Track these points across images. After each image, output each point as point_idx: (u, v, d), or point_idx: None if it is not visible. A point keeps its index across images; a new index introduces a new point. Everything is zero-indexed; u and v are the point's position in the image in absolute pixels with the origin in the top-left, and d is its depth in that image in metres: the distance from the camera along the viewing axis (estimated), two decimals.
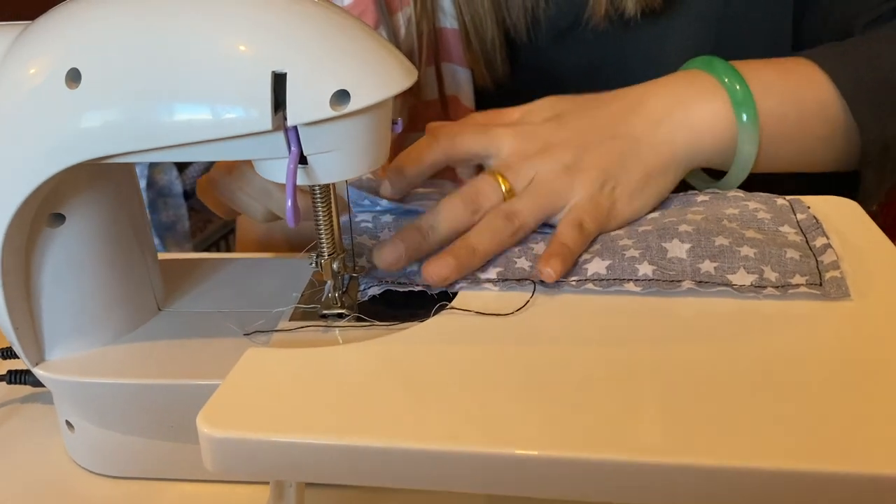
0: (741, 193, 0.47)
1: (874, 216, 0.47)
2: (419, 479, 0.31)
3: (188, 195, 1.19)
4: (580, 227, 0.42)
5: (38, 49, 0.35)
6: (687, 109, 0.47)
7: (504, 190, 0.44)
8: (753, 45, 0.57)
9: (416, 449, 0.30)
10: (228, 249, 1.40)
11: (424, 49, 0.64)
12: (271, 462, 0.31)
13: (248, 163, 0.47)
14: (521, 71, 0.65)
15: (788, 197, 0.47)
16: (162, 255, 0.50)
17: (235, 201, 0.49)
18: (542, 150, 0.45)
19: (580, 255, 0.42)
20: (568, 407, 0.32)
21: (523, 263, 0.42)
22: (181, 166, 1.17)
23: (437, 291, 0.41)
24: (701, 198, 0.47)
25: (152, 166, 1.15)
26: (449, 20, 0.63)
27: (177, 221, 1.15)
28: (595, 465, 0.29)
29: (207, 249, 1.32)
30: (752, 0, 0.60)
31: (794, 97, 0.48)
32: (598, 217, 0.43)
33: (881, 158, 0.49)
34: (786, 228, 0.44)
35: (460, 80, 0.66)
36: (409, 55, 0.62)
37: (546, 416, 0.31)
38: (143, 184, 1.13)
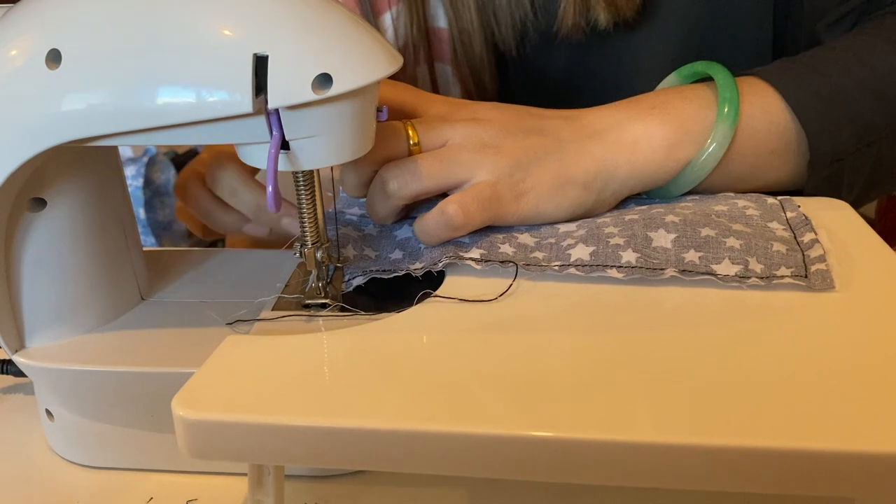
0: (730, 193, 0.47)
1: (873, 223, 0.47)
2: (395, 461, 0.30)
3: None
4: (466, 211, 0.41)
5: (18, 30, 0.35)
6: (623, 129, 0.45)
7: (411, 143, 0.43)
8: (735, 53, 0.56)
9: (392, 430, 0.30)
10: None
11: (421, 49, 0.64)
12: (247, 444, 0.31)
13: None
14: (508, 84, 0.65)
15: (779, 196, 0.47)
16: (147, 249, 0.50)
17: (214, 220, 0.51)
18: (466, 121, 0.44)
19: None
20: (546, 390, 0.31)
21: (507, 249, 0.41)
22: (179, 165, 1.17)
23: (422, 274, 0.41)
24: (690, 196, 0.47)
25: (149, 165, 1.14)
26: (441, 20, 0.63)
27: (173, 221, 1.15)
28: (571, 445, 0.29)
29: None
30: (733, 8, 0.59)
31: (742, 111, 0.46)
32: (490, 206, 0.42)
33: (831, 171, 0.47)
34: (774, 225, 0.43)
35: (451, 81, 0.66)
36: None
37: (522, 398, 0.31)
38: (139, 182, 1.13)
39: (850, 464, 0.28)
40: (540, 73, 0.64)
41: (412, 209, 0.46)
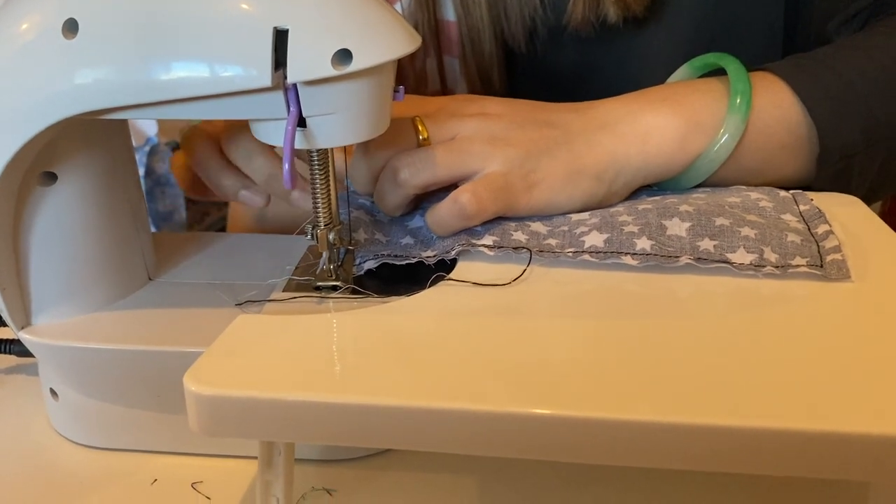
0: (742, 185, 0.47)
1: None
2: (403, 438, 0.30)
3: None
4: (479, 199, 0.41)
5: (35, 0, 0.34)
6: (634, 120, 0.44)
7: (420, 139, 0.43)
8: (744, 51, 0.56)
9: (400, 406, 0.29)
10: None
11: (428, 42, 0.64)
12: (259, 421, 0.31)
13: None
14: (516, 80, 0.65)
15: (791, 190, 0.47)
16: (155, 232, 0.49)
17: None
18: (475, 115, 0.44)
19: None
20: (557, 370, 0.31)
21: (519, 236, 0.41)
22: None
23: (434, 262, 0.41)
24: (701, 188, 0.47)
25: (151, 154, 1.14)
26: (449, 13, 0.63)
27: (174, 211, 1.14)
28: (579, 424, 0.29)
29: None
30: (743, 5, 0.59)
31: (754, 105, 0.45)
32: (503, 196, 0.42)
33: (840, 167, 0.47)
34: (788, 217, 0.43)
35: (458, 76, 0.65)
36: None
37: (533, 377, 0.31)
38: (141, 171, 1.12)
39: (865, 447, 0.28)
40: (548, 68, 0.64)
41: (420, 202, 0.46)
